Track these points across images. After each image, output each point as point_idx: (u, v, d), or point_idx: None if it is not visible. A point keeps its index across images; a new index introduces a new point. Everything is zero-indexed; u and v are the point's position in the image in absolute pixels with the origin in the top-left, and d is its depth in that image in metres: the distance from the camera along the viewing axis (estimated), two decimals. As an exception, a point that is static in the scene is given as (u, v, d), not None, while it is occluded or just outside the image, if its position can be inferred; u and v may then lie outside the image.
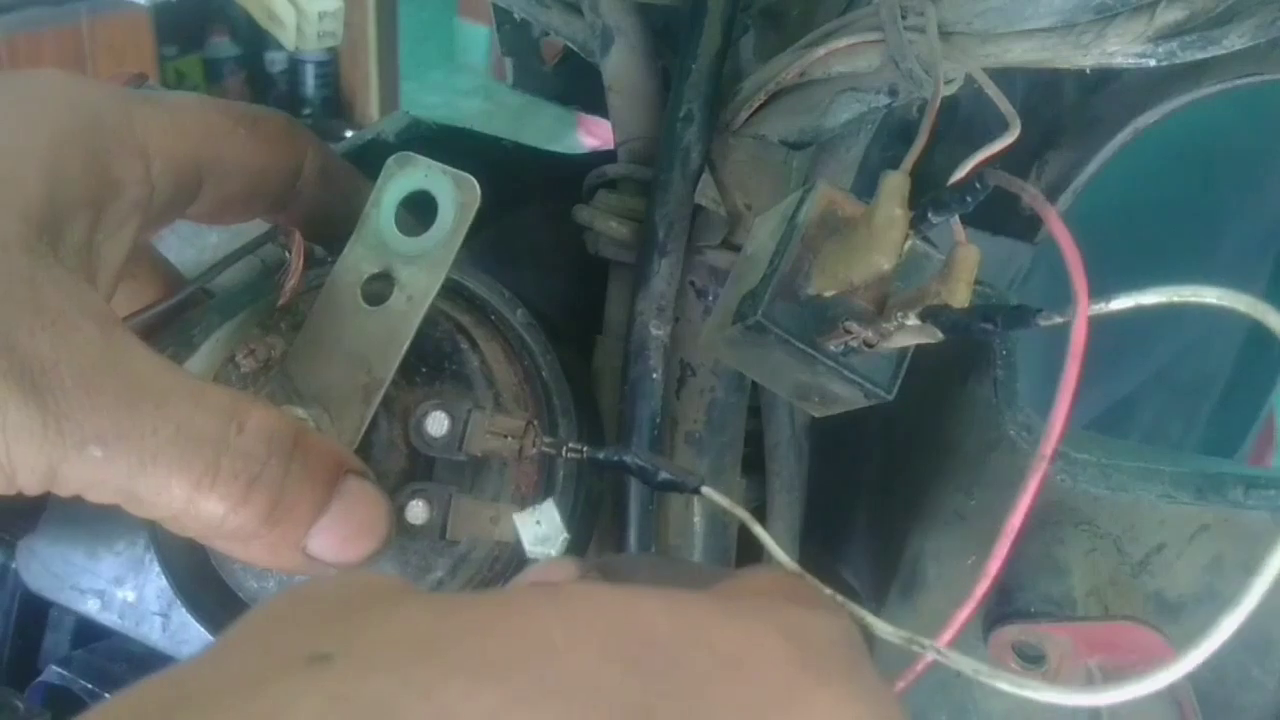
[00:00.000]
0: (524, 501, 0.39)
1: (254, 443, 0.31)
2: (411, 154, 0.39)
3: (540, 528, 0.35)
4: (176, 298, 0.40)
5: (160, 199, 0.35)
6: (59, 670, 0.44)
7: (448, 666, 0.20)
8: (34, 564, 0.45)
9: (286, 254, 0.39)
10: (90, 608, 0.43)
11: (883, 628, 0.27)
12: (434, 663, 0.20)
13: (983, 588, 0.29)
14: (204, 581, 0.41)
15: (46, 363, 0.29)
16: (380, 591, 0.24)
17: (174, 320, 0.39)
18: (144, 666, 0.44)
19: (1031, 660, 0.42)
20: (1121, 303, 0.29)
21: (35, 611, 0.49)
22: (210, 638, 0.41)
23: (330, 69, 2.75)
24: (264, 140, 0.39)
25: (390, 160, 0.39)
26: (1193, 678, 0.41)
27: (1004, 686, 0.26)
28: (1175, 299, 0.28)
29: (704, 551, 0.48)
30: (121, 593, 0.43)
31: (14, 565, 0.48)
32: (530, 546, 0.35)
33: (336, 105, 2.78)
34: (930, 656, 0.27)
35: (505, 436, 0.37)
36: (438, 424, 0.38)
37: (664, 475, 0.35)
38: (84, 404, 0.29)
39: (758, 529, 0.31)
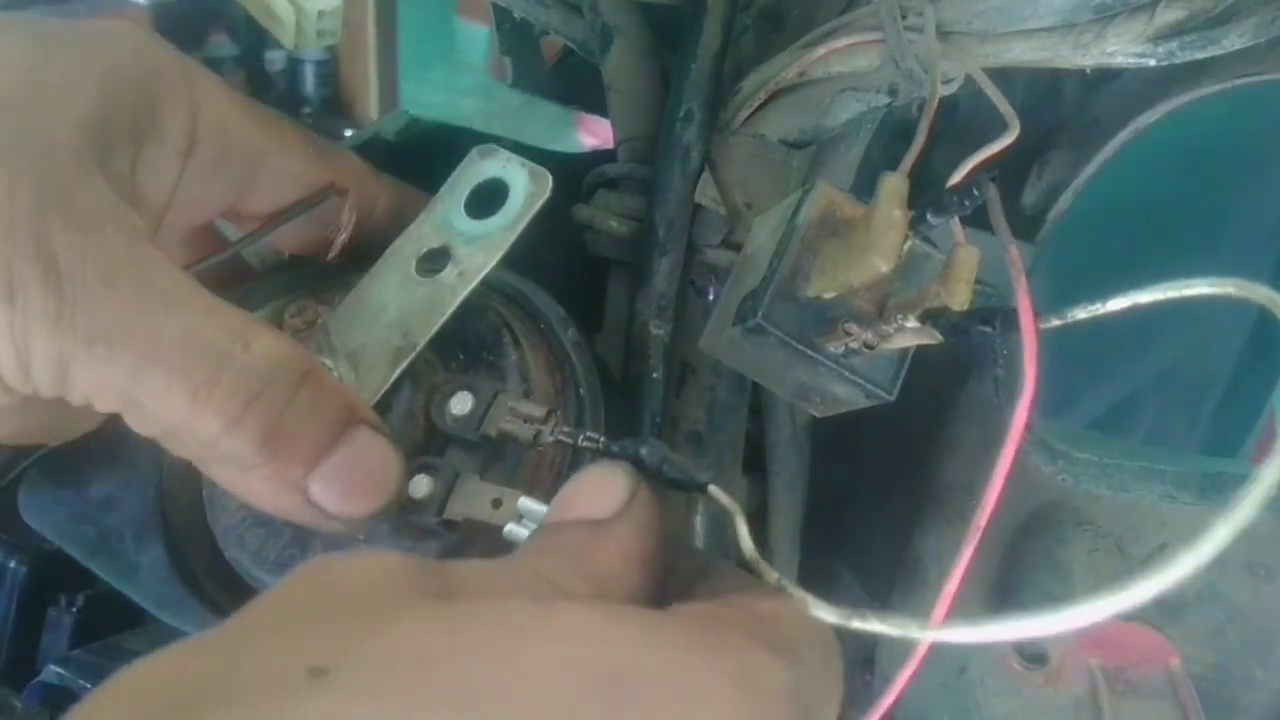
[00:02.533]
0: (528, 485, 0.39)
1: (258, 362, 0.31)
2: (495, 146, 0.41)
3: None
4: (229, 251, 0.41)
5: (202, 159, 0.36)
6: (57, 670, 0.43)
7: (436, 695, 0.21)
8: (34, 501, 0.44)
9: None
10: (74, 548, 0.42)
11: (875, 626, 0.28)
12: (423, 691, 0.21)
13: (967, 555, 0.30)
14: (198, 539, 0.41)
15: (72, 257, 0.29)
16: (385, 593, 0.24)
17: (236, 288, 0.41)
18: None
19: (1034, 660, 0.42)
20: (1117, 303, 0.29)
21: (34, 611, 0.49)
22: (174, 580, 0.40)
23: (329, 68, 2.75)
24: (329, 169, 0.40)
25: (474, 150, 0.41)
26: (1195, 677, 0.41)
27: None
28: (1170, 295, 0.28)
29: (706, 551, 0.48)
30: (108, 537, 0.42)
31: (11, 564, 0.48)
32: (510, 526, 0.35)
33: (336, 104, 2.77)
34: (928, 638, 0.27)
35: (524, 420, 0.37)
36: (461, 403, 0.38)
37: (671, 471, 0.35)
38: (98, 299, 0.29)
39: (745, 540, 0.31)
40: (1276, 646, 0.42)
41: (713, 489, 0.34)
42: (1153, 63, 0.39)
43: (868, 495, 0.55)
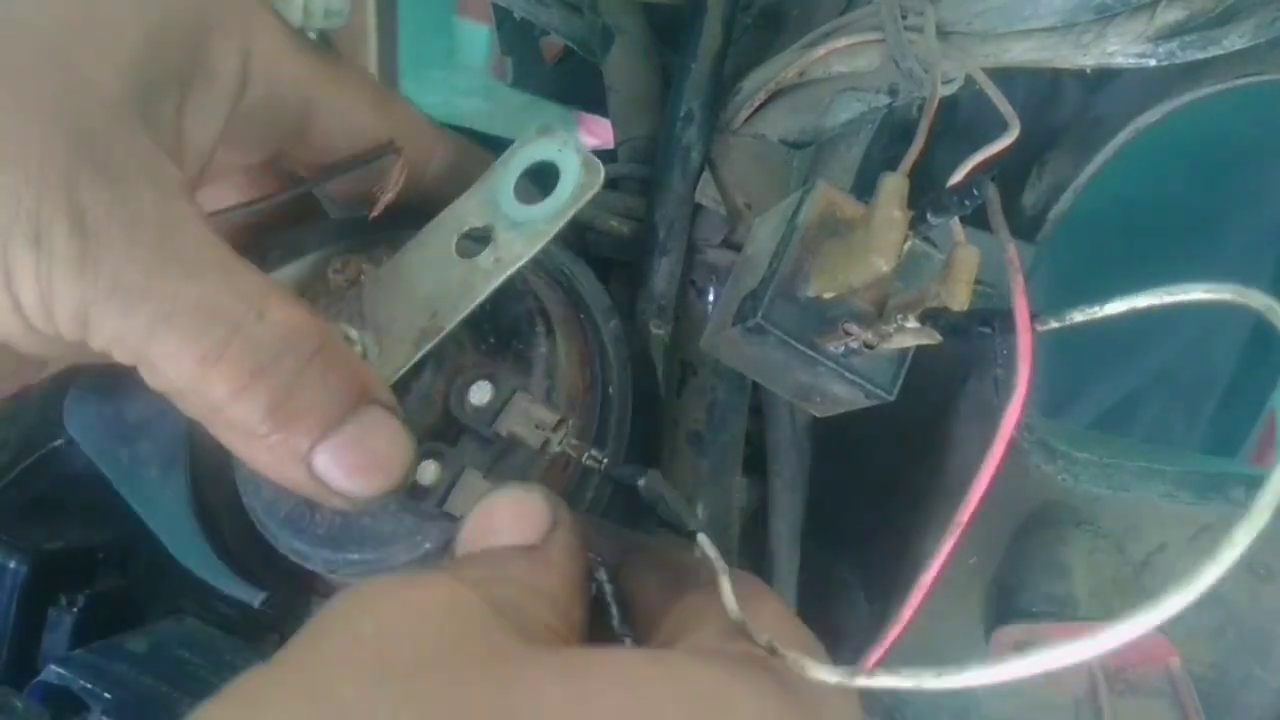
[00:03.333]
0: None
1: (270, 332, 0.31)
2: (556, 125, 0.39)
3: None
4: (283, 196, 0.40)
5: (252, 100, 0.36)
6: (58, 670, 0.43)
7: None
8: (78, 412, 0.44)
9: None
10: (111, 469, 0.42)
11: (881, 681, 0.28)
12: None
13: (946, 549, 0.30)
14: (218, 485, 0.41)
15: (99, 209, 0.29)
16: (426, 654, 0.24)
17: (291, 229, 0.40)
18: (144, 666, 0.44)
19: (1032, 661, 0.42)
20: (1114, 307, 0.30)
21: (34, 611, 0.49)
22: (217, 562, 0.40)
23: (330, 68, 2.75)
24: (388, 117, 0.40)
25: (534, 126, 0.39)
26: (1195, 677, 0.41)
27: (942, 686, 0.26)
28: (1166, 300, 0.28)
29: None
30: (149, 474, 0.42)
31: (11, 564, 0.48)
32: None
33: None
34: (941, 686, 0.27)
35: (535, 426, 0.37)
36: (481, 393, 0.37)
37: (664, 512, 0.36)
38: (123, 252, 0.30)
39: (729, 599, 0.30)
40: (1276, 646, 0.42)
41: (701, 539, 0.34)
42: (1153, 63, 0.39)
43: (868, 495, 0.55)
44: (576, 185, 0.38)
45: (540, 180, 0.39)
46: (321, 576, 0.41)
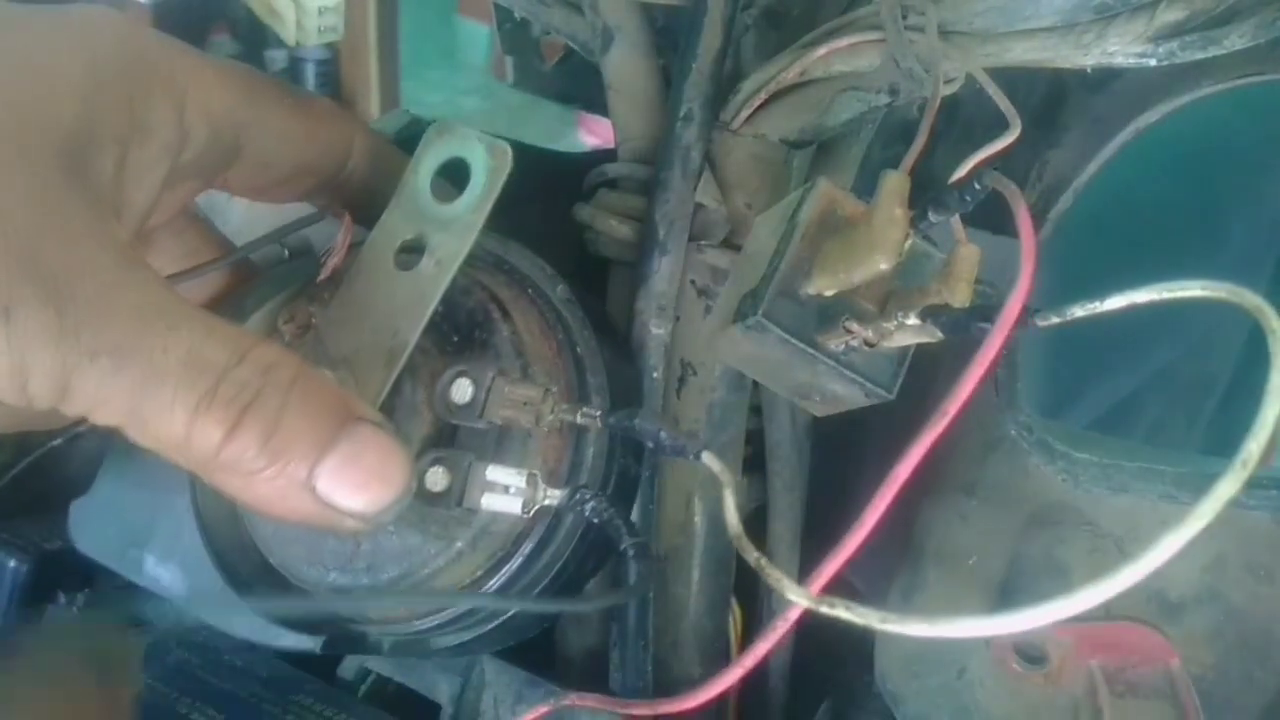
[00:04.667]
0: (551, 477, 0.39)
1: (251, 372, 0.32)
2: (452, 122, 0.40)
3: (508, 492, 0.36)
4: (224, 261, 0.41)
5: (193, 150, 0.36)
6: (58, 670, 0.43)
7: None
8: (83, 525, 0.44)
9: (284, 252, 0.39)
10: (131, 572, 0.43)
11: (841, 613, 0.28)
12: None
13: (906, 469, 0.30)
14: (238, 547, 0.41)
15: (70, 274, 0.29)
16: None
17: (229, 292, 0.41)
18: (144, 665, 0.44)
19: (1033, 661, 0.42)
20: (1114, 302, 0.29)
21: (34, 612, 0.49)
22: (255, 619, 0.40)
23: (331, 67, 2.75)
24: (310, 118, 0.40)
25: (430, 128, 0.40)
26: (1195, 678, 0.41)
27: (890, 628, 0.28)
28: (1165, 295, 0.28)
29: (704, 552, 0.48)
30: (162, 559, 0.43)
31: (11, 564, 0.48)
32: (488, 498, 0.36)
33: (337, 103, 2.78)
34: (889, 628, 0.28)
35: (524, 404, 0.37)
36: (461, 391, 0.38)
37: (668, 439, 0.37)
38: (100, 315, 0.30)
39: (731, 513, 0.31)
40: (1276, 647, 0.42)
41: (706, 456, 0.35)
42: (1153, 63, 0.39)
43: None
44: (488, 171, 0.39)
45: (455, 177, 0.39)
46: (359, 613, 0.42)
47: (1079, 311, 0.31)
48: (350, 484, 0.33)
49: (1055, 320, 0.31)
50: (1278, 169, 0.91)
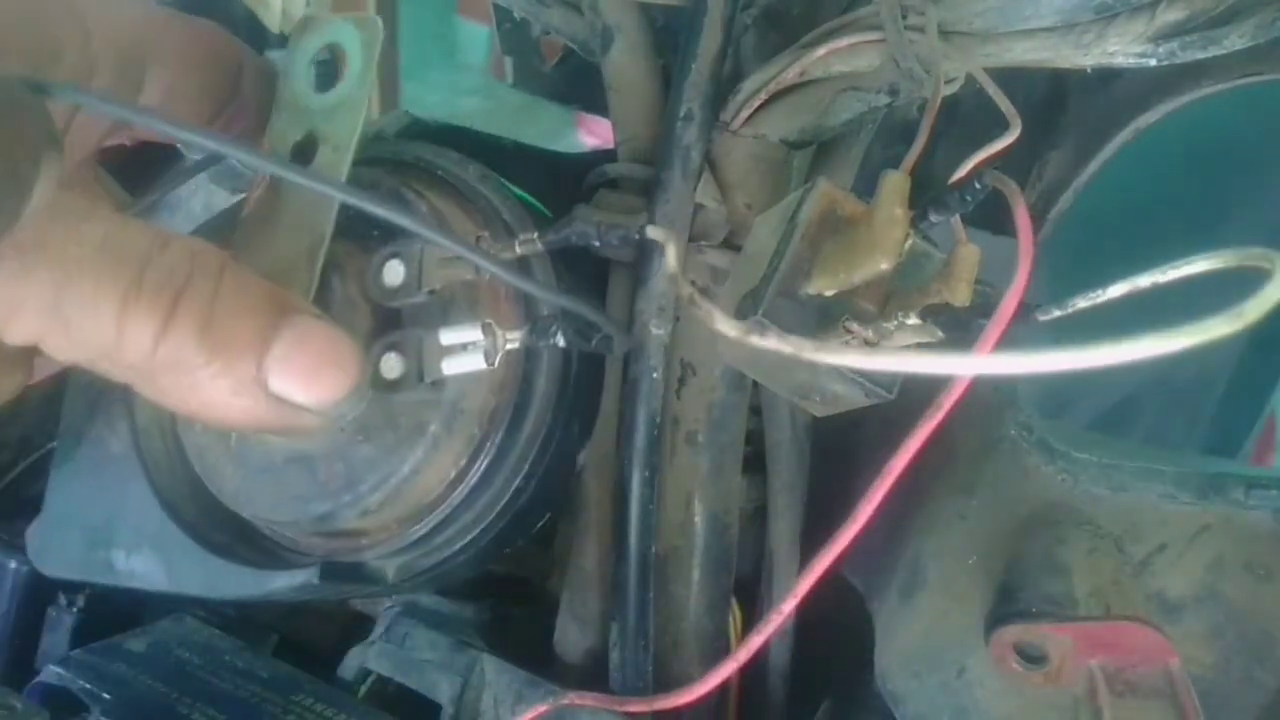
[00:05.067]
0: (506, 325, 0.38)
1: (177, 258, 0.30)
2: (316, 13, 0.39)
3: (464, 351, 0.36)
4: (138, 207, 0.39)
5: (101, 80, 0.34)
6: (57, 670, 0.43)
7: None
8: (44, 550, 0.44)
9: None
10: (106, 576, 0.42)
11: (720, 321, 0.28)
12: None
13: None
14: (207, 512, 0.41)
15: None
16: None
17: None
18: (144, 666, 0.44)
19: (1033, 660, 0.42)
20: (1117, 289, 0.30)
21: (34, 611, 0.49)
22: (227, 567, 0.40)
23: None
24: (200, 38, 0.39)
25: (296, 24, 0.39)
26: (1195, 678, 0.41)
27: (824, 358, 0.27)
28: (1170, 275, 0.29)
29: (704, 552, 0.48)
30: (133, 554, 0.42)
31: (11, 564, 0.48)
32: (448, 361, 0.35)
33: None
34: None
35: (458, 259, 0.36)
36: (393, 272, 0.37)
37: (609, 232, 0.38)
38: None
39: (671, 261, 0.31)
40: (1276, 646, 0.42)
41: (650, 229, 0.36)
42: (1153, 63, 0.39)
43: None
44: (362, 44, 0.38)
45: (332, 67, 0.39)
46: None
47: (1081, 303, 0.31)
48: (302, 375, 0.32)
49: (1056, 313, 0.31)
50: (1278, 169, 0.91)
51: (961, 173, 0.36)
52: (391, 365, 0.36)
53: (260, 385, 0.31)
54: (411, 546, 0.41)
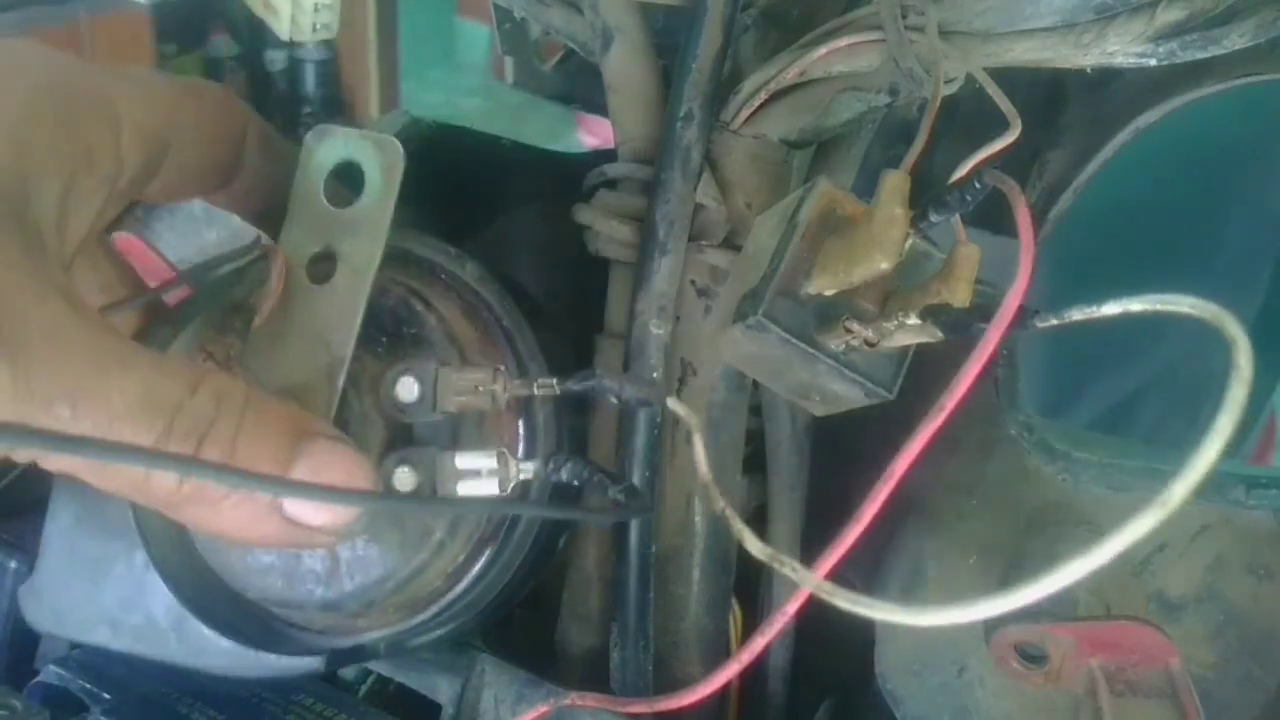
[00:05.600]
0: (511, 449, 0.39)
1: (204, 403, 0.31)
2: (330, 125, 0.39)
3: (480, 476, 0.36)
4: (159, 290, 0.39)
5: (129, 174, 0.35)
6: (57, 670, 0.43)
7: None
8: (37, 605, 0.45)
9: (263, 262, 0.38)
10: (101, 637, 0.43)
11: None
12: None
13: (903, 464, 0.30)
14: (209, 588, 0.41)
15: (15, 323, 0.28)
16: None
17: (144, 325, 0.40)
18: (143, 666, 0.44)
19: (1034, 660, 0.42)
20: (1111, 308, 0.30)
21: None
22: (227, 644, 0.40)
23: (330, 68, 2.75)
24: (210, 109, 0.38)
25: (308, 135, 0.39)
26: (1195, 677, 0.41)
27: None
28: (1158, 307, 0.29)
29: (704, 552, 0.48)
30: (130, 617, 0.43)
31: (12, 564, 0.48)
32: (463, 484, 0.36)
33: (337, 104, 2.77)
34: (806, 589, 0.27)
35: (476, 388, 0.37)
36: (407, 389, 0.37)
37: (632, 393, 0.37)
38: (53, 363, 0.29)
39: (700, 460, 0.32)
40: (1276, 646, 0.42)
41: (671, 402, 0.36)
42: (1153, 63, 0.39)
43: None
44: (383, 169, 0.38)
45: (348, 179, 0.38)
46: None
47: (1076, 315, 0.31)
48: (314, 500, 0.33)
49: (1053, 322, 0.31)
50: (1277, 169, 0.91)
51: (961, 173, 0.36)
52: (404, 479, 0.37)
53: (275, 510, 0.33)
54: (408, 630, 0.42)
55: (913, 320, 0.34)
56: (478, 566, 0.41)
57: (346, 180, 0.38)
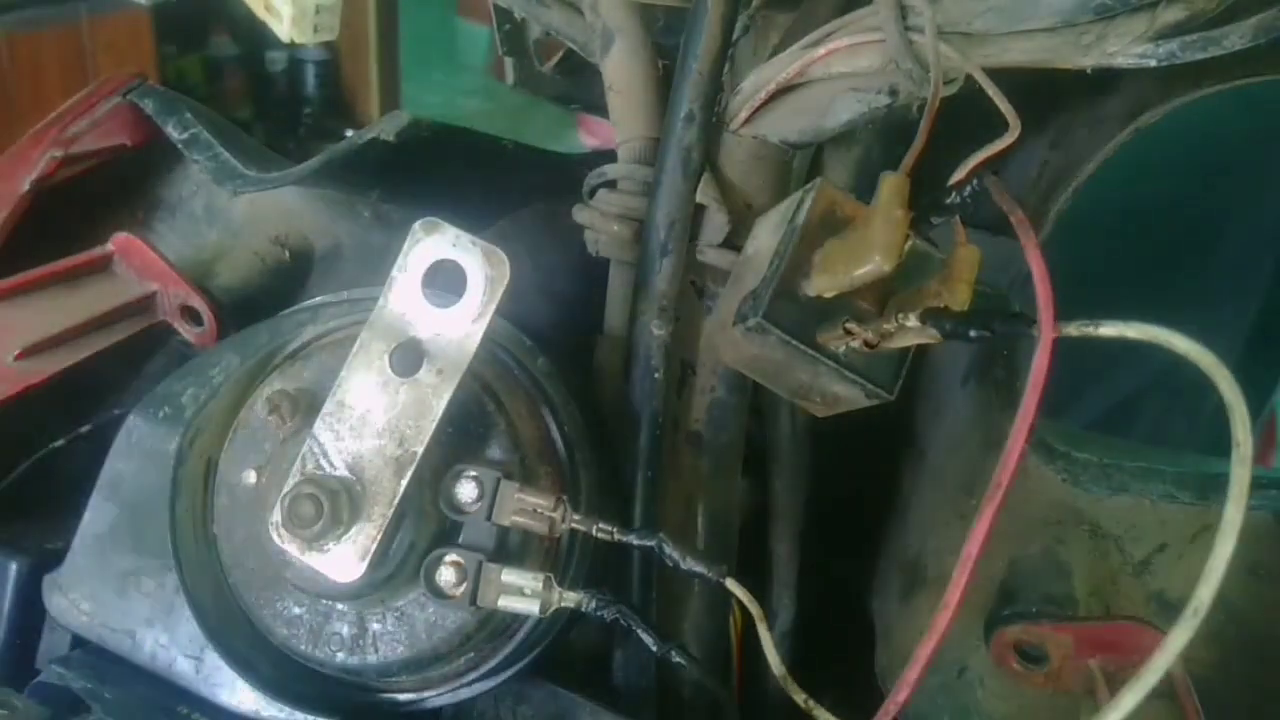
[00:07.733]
0: (553, 571, 0.40)
1: None
2: (438, 220, 0.38)
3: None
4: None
5: None
6: (58, 669, 0.43)
7: None
8: (62, 600, 0.45)
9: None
10: (122, 647, 0.43)
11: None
12: None
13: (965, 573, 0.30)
14: (234, 625, 0.41)
15: None
16: None
17: (192, 357, 0.40)
18: (142, 667, 0.44)
19: (1033, 660, 0.42)
20: (1109, 329, 0.30)
21: (34, 611, 0.49)
22: (243, 681, 0.41)
23: (331, 68, 2.75)
24: None
25: (416, 225, 0.38)
26: (1195, 678, 0.41)
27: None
28: (1154, 338, 0.30)
29: (705, 553, 0.48)
30: (153, 634, 0.43)
31: (12, 565, 0.48)
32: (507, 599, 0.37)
33: (337, 105, 2.78)
34: None
35: (535, 511, 0.38)
36: (466, 491, 0.38)
37: (688, 565, 0.38)
38: None
39: (769, 649, 0.34)
40: (1276, 646, 0.42)
41: (731, 584, 0.37)
42: (1153, 63, 0.39)
43: (868, 495, 0.55)
44: (487, 280, 0.37)
45: (443, 276, 0.38)
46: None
47: (1073, 331, 0.31)
48: None
49: (1052, 335, 0.31)
50: (1277, 169, 0.91)
51: (961, 173, 0.36)
52: (447, 579, 0.37)
53: None
54: (419, 699, 0.42)
55: (912, 322, 0.34)
56: (498, 659, 0.41)
57: (443, 276, 0.38)
